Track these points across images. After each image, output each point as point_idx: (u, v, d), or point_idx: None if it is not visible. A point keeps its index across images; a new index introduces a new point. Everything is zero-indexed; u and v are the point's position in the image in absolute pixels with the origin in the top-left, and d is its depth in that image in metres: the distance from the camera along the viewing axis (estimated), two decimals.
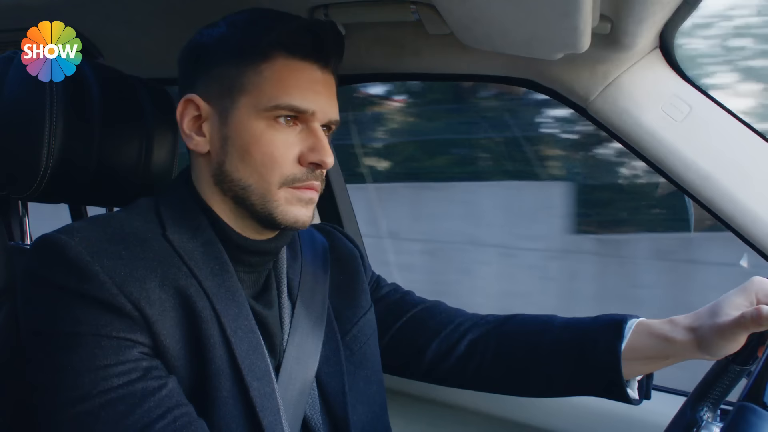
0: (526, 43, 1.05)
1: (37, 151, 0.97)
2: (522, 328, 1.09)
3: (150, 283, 0.80)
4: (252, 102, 0.87)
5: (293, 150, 0.88)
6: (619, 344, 0.96)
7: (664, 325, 0.95)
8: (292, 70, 0.88)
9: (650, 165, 1.17)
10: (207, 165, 0.91)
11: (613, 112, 1.16)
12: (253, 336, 0.87)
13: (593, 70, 1.16)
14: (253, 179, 0.87)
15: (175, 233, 0.87)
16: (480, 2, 0.91)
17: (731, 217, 1.10)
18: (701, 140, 1.12)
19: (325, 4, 1.13)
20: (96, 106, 1.03)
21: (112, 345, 0.76)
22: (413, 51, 1.26)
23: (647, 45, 1.12)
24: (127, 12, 1.23)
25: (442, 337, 1.11)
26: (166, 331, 0.80)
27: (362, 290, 1.12)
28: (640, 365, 0.98)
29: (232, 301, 0.86)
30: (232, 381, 0.83)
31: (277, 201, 0.88)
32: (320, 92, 0.90)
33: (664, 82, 1.15)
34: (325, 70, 0.91)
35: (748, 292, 0.89)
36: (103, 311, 0.77)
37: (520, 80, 1.27)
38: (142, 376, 0.77)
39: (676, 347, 0.94)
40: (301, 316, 0.98)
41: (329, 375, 0.99)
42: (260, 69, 0.87)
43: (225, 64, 0.88)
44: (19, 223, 1.11)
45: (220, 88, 0.89)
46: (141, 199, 0.93)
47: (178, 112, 0.91)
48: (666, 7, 0.97)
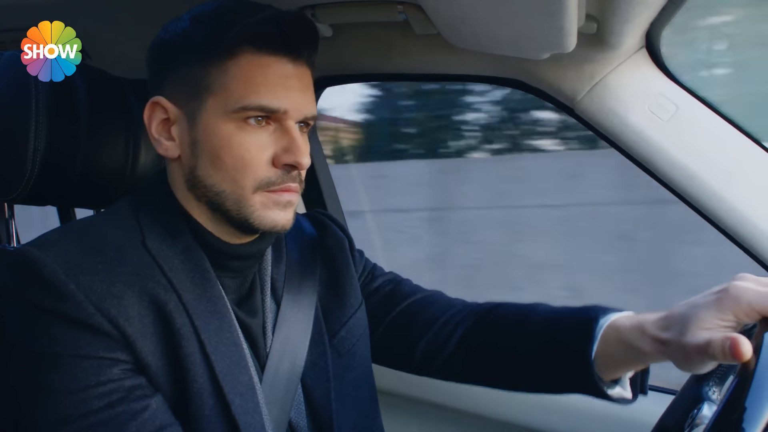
0: (513, 43, 1.06)
1: (23, 152, 0.96)
2: (501, 326, 1.04)
3: (128, 299, 0.77)
4: (219, 103, 0.82)
5: (266, 152, 0.83)
6: (589, 349, 0.89)
7: (633, 332, 0.85)
8: (260, 66, 0.82)
9: (637, 164, 1.17)
10: (179, 170, 0.88)
11: (600, 112, 1.17)
12: (236, 349, 0.84)
13: (580, 70, 1.17)
14: (226, 185, 0.83)
15: (155, 241, 0.84)
16: (466, 3, 0.91)
17: (718, 216, 1.10)
18: (688, 139, 1.12)
19: (312, 5, 1.13)
20: (83, 107, 1.02)
21: (92, 365, 0.74)
22: (401, 51, 1.26)
23: (633, 45, 1.13)
24: (114, 13, 1.22)
25: (431, 335, 1.07)
26: (146, 348, 0.77)
27: (352, 286, 1.08)
28: (616, 368, 0.90)
29: (213, 313, 0.84)
30: (214, 398, 0.80)
31: (252, 206, 0.84)
32: (292, 88, 0.84)
33: (651, 81, 1.15)
34: (297, 63, 0.85)
35: (722, 307, 0.74)
36: (82, 331, 0.75)
37: (508, 80, 1.27)
38: (123, 397, 0.75)
39: (645, 357, 0.85)
40: (286, 318, 0.95)
41: (315, 380, 0.96)
42: (226, 67, 0.82)
43: (190, 64, 0.84)
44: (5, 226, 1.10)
45: (186, 90, 0.84)
46: (120, 202, 0.89)
47: (145, 115, 0.87)
48: (651, 7, 0.98)
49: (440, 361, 1.07)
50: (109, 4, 1.17)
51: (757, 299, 0.73)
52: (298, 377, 0.94)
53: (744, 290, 0.74)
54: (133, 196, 0.90)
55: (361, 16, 1.14)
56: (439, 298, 1.13)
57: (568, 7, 0.84)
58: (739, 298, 0.73)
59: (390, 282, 1.15)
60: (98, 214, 0.89)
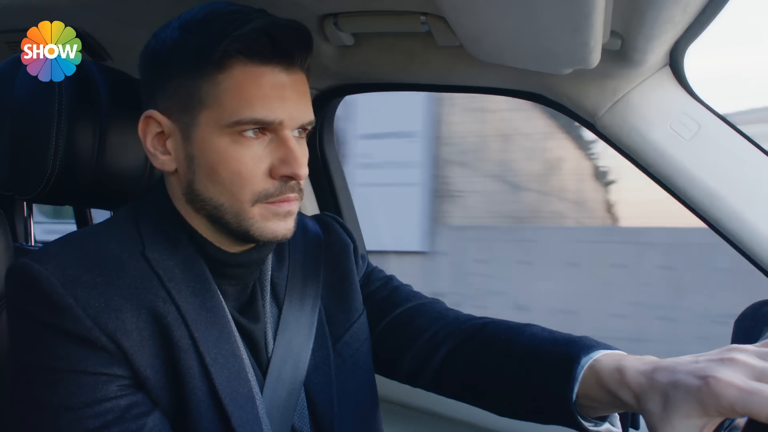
0: (536, 57, 1.05)
1: (44, 152, 0.97)
2: (487, 348, 0.97)
3: (126, 312, 0.77)
4: (213, 117, 0.80)
5: (262, 164, 0.82)
6: (569, 391, 0.82)
7: (612, 378, 0.77)
8: (253, 77, 0.80)
9: (657, 182, 1.16)
10: (177, 183, 0.87)
11: (622, 129, 1.16)
12: (235, 360, 0.84)
13: (602, 86, 1.16)
14: (224, 198, 0.82)
15: (155, 251, 0.83)
16: (490, 16, 0.91)
17: (738, 237, 1.09)
18: (709, 159, 1.11)
19: (335, 13, 1.13)
20: (104, 109, 1.03)
21: (89, 381, 0.74)
22: (422, 62, 1.26)
23: (657, 62, 1.12)
24: (136, 15, 1.23)
25: (417, 347, 1.02)
26: (145, 362, 0.77)
27: (355, 291, 1.06)
28: (599, 410, 0.83)
29: (213, 324, 0.83)
30: (213, 411, 0.80)
31: (252, 218, 0.83)
32: (287, 97, 0.82)
33: (674, 99, 1.14)
34: (291, 71, 0.83)
35: (703, 403, 0.65)
36: (79, 346, 0.75)
37: (529, 94, 1.27)
38: (119, 416, 0.74)
39: (625, 406, 0.77)
40: (288, 322, 0.94)
41: (318, 384, 0.95)
42: (218, 80, 0.80)
43: (181, 77, 0.82)
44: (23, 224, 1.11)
45: (179, 103, 0.82)
46: (120, 211, 0.89)
47: (140, 129, 0.85)
48: (677, 25, 0.97)
49: (428, 374, 1.02)
50: (131, 6, 1.18)
51: (739, 401, 0.63)
52: (301, 382, 0.93)
53: (726, 387, 0.64)
54: (134, 205, 0.90)
55: (384, 26, 1.14)
56: (431, 308, 1.07)
57: (594, 23, 0.84)
58: (720, 397, 0.64)
59: (385, 287, 1.11)
60: (99, 224, 0.88)
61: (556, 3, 0.81)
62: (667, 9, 0.88)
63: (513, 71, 1.17)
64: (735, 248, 1.11)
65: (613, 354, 0.82)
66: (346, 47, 1.25)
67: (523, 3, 0.84)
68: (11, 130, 1.00)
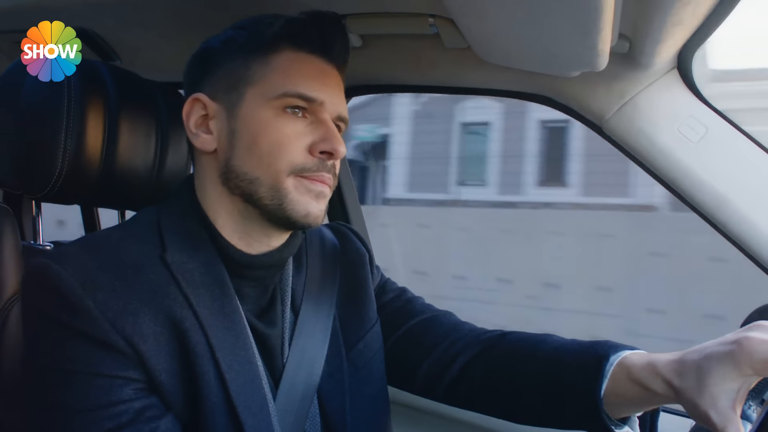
0: (544, 60, 1.05)
1: (54, 151, 0.97)
2: (508, 357, 0.99)
3: (144, 316, 0.77)
4: (259, 92, 0.85)
5: (303, 140, 0.85)
6: (597, 388, 0.85)
7: (644, 371, 0.81)
8: (300, 61, 0.87)
9: (665, 185, 1.16)
10: (214, 164, 0.89)
11: (629, 132, 1.15)
12: (250, 367, 0.84)
13: (610, 89, 1.16)
14: (261, 170, 0.84)
15: (175, 254, 0.83)
16: (499, 18, 0.91)
17: (745, 240, 1.09)
18: (717, 162, 1.11)
19: (343, 15, 1.13)
20: (113, 109, 1.03)
21: (104, 384, 0.75)
22: (429, 63, 1.26)
23: (665, 65, 1.11)
24: (145, 16, 1.23)
25: (434, 357, 1.03)
26: (160, 367, 0.77)
27: (370, 299, 1.07)
28: (623, 408, 0.86)
29: (229, 330, 0.83)
30: (227, 418, 0.80)
31: (286, 189, 0.84)
32: (329, 84, 0.88)
33: (681, 102, 1.14)
34: (332, 66, 0.90)
35: (737, 362, 0.71)
36: (95, 348, 0.75)
37: (536, 96, 1.27)
38: (133, 419, 0.75)
39: (656, 398, 0.81)
40: (304, 328, 0.95)
41: (331, 392, 0.96)
42: (267, 60, 0.86)
43: (232, 61, 0.88)
44: (32, 223, 1.12)
45: (227, 84, 0.87)
46: (142, 213, 0.90)
47: (184, 111, 0.89)
48: (686, 29, 0.97)
49: (443, 385, 1.02)
50: (139, 8, 1.18)
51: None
52: (314, 389, 0.93)
53: (759, 344, 0.69)
54: (156, 207, 0.91)
55: (392, 28, 1.14)
56: (446, 320, 1.08)
57: (603, 26, 0.83)
58: (753, 353, 0.69)
59: (399, 299, 1.12)
60: (119, 226, 0.89)
61: (565, 6, 0.81)
62: (675, 12, 0.88)
63: (520, 73, 1.17)
64: (742, 251, 1.10)
65: (640, 352, 0.86)
66: (354, 48, 1.25)
67: (531, 6, 0.84)
68: (21, 130, 1.01)
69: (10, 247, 0.95)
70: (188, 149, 1.17)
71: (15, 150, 1.01)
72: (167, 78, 1.44)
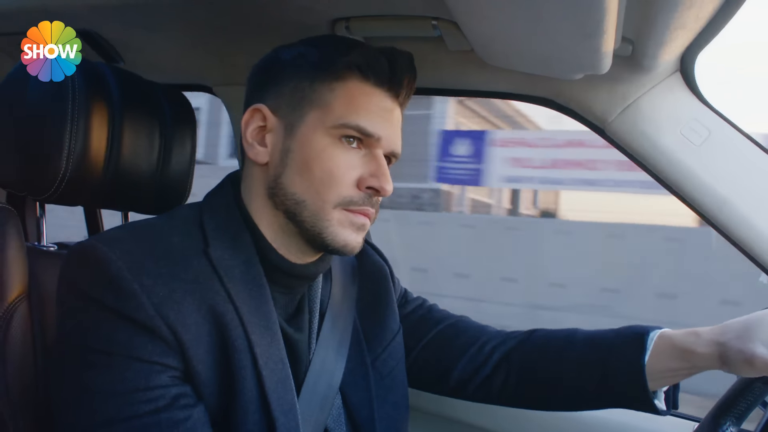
0: (547, 62, 1.05)
1: (58, 153, 0.97)
2: (544, 346, 1.07)
3: (187, 306, 0.78)
4: (320, 117, 0.86)
5: (354, 172, 0.87)
6: (642, 359, 0.94)
7: (688, 337, 0.93)
8: (364, 93, 0.88)
9: (667, 188, 1.16)
10: (263, 176, 0.90)
11: (632, 134, 1.16)
12: (283, 367, 0.85)
13: (613, 91, 1.16)
14: (309, 195, 0.86)
15: (217, 249, 0.84)
16: (502, 21, 0.91)
17: (747, 243, 1.09)
18: (719, 165, 1.11)
19: (347, 17, 1.13)
20: (116, 111, 1.04)
21: (143, 369, 0.75)
22: (433, 66, 1.26)
23: (668, 68, 1.12)
24: (148, 18, 1.23)
25: (468, 357, 1.09)
26: (198, 357, 0.78)
27: (392, 311, 1.10)
28: (663, 377, 0.96)
29: (266, 328, 0.84)
30: (260, 414, 0.81)
31: (329, 221, 0.86)
32: (388, 120, 0.89)
33: (684, 105, 1.14)
34: (395, 101, 0.91)
35: None
36: (138, 332, 0.75)
37: (539, 99, 1.27)
38: (169, 404, 0.75)
39: (700, 360, 0.91)
40: (326, 336, 0.96)
41: (359, 401, 0.98)
42: (333, 87, 0.87)
43: (298, 79, 0.88)
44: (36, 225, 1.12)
45: (290, 101, 0.88)
46: (184, 207, 0.91)
47: (243, 120, 0.90)
48: (689, 31, 0.97)
49: (476, 383, 1.09)
50: (142, 10, 1.18)
51: None
52: (333, 398, 0.94)
53: None
54: (199, 203, 0.92)
55: (396, 31, 1.14)
56: (471, 323, 1.15)
57: (606, 29, 0.84)
58: None
59: (421, 307, 1.17)
60: (161, 217, 0.89)
61: (568, 9, 0.81)
62: (679, 15, 0.88)
63: (523, 76, 1.17)
64: (744, 254, 1.10)
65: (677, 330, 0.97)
66: None
67: (535, 9, 0.84)
68: (25, 132, 1.01)
69: (14, 248, 0.95)
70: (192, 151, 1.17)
71: (19, 152, 1.02)
72: (170, 80, 1.45)
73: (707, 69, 1.19)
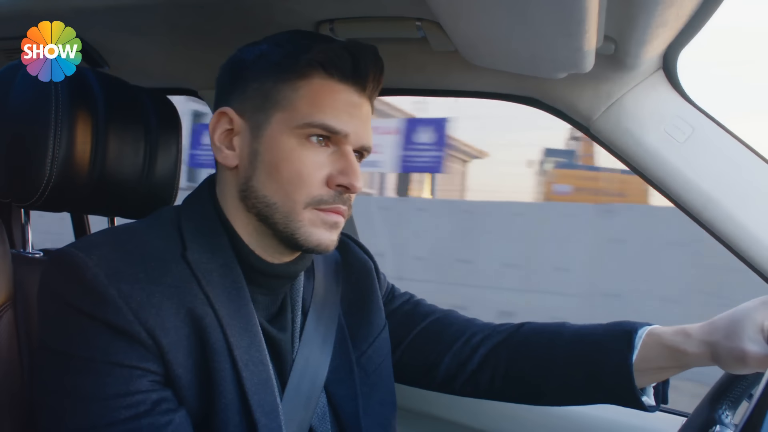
0: (530, 62, 1.06)
1: (42, 159, 0.97)
2: (532, 340, 1.07)
3: (166, 310, 0.78)
4: (285, 118, 0.85)
5: (322, 171, 0.86)
6: (630, 356, 0.94)
7: (677, 336, 0.93)
8: (329, 90, 0.86)
9: (652, 185, 1.17)
10: (233, 179, 0.89)
11: (616, 132, 1.16)
12: (264, 369, 0.85)
13: (597, 90, 1.17)
14: (279, 197, 0.85)
15: (195, 253, 0.84)
16: (485, 21, 0.91)
17: (732, 239, 1.10)
18: (703, 161, 1.12)
19: (331, 19, 1.13)
20: (101, 116, 1.03)
21: (123, 374, 0.75)
22: (417, 67, 1.27)
23: (651, 66, 1.12)
24: (133, 22, 1.23)
25: (455, 351, 1.08)
26: (178, 361, 0.78)
27: (377, 308, 1.09)
28: (652, 374, 0.96)
29: (245, 330, 0.84)
30: (240, 416, 0.81)
31: (301, 221, 0.86)
32: (355, 115, 0.88)
33: (667, 102, 1.15)
34: (362, 95, 0.90)
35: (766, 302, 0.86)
36: (117, 337, 0.75)
37: (524, 98, 1.27)
38: (149, 409, 0.75)
39: (689, 358, 0.91)
40: (310, 335, 0.96)
41: (343, 398, 0.97)
42: (297, 86, 0.86)
43: (262, 80, 0.87)
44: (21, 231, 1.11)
45: (254, 103, 0.87)
46: (163, 211, 0.91)
47: (210, 124, 0.90)
48: (670, 29, 0.98)
49: (464, 377, 1.08)
50: (127, 14, 1.18)
51: None
52: (317, 396, 0.94)
53: None
54: (177, 206, 0.92)
55: (380, 32, 1.14)
56: (458, 316, 1.14)
57: (587, 28, 0.84)
58: None
59: (408, 302, 1.17)
60: (140, 222, 0.89)
61: (549, 9, 0.81)
62: (660, 14, 0.89)
63: (508, 76, 1.18)
64: (729, 250, 1.11)
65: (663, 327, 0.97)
66: None
67: (517, 9, 0.84)
68: (8, 138, 1.00)
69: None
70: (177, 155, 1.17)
71: (2, 158, 1.01)
72: (155, 84, 1.44)
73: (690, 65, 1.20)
